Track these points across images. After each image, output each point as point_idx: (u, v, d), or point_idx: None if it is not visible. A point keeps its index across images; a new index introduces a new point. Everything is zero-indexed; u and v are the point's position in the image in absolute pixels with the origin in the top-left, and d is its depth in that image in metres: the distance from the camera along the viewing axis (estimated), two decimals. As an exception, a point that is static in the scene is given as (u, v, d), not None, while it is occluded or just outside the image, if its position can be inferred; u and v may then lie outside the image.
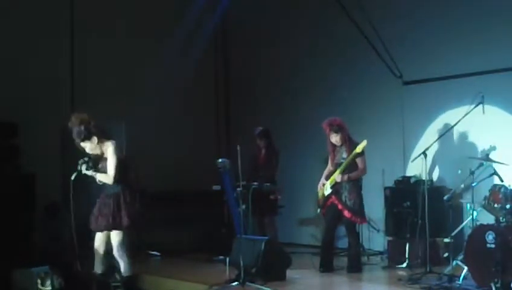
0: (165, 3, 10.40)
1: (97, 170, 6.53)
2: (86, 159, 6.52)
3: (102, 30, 9.78)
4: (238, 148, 7.18)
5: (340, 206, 7.63)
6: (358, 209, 7.66)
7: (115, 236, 6.58)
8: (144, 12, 10.22)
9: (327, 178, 7.81)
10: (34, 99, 9.17)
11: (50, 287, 7.08)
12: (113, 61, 9.81)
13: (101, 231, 6.61)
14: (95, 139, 6.53)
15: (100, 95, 9.60)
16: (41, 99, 9.22)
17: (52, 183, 9.09)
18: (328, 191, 7.73)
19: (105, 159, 6.54)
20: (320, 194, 7.89)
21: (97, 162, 6.58)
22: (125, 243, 6.61)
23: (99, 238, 6.68)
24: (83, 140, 6.50)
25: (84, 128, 6.46)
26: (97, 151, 6.59)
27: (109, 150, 6.51)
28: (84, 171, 6.50)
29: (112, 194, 6.57)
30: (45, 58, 9.29)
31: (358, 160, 7.60)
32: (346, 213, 7.61)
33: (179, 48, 9.99)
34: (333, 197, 7.68)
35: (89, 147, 6.55)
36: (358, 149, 7.51)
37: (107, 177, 6.51)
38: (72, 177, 6.51)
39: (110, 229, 6.56)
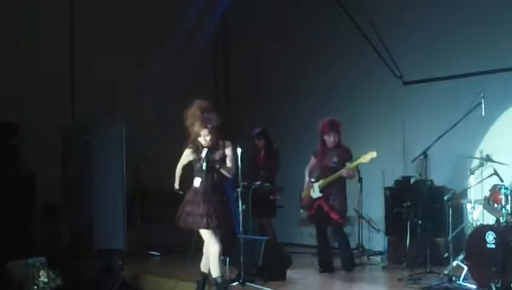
0: (165, 3, 10.40)
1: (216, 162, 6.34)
2: (207, 151, 6.29)
3: (102, 30, 9.78)
4: (238, 148, 7.18)
5: (326, 208, 7.58)
6: (344, 212, 7.67)
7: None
8: (143, 12, 10.22)
9: (312, 178, 7.75)
10: (34, 99, 9.17)
11: (46, 279, 7.05)
12: (113, 61, 9.79)
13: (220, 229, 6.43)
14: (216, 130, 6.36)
15: (100, 95, 9.60)
16: (41, 99, 9.21)
17: (52, 183, 9.09)
18: (316, 194, 7.67)
19: (220, 152, 6.39)
20: (305, 193, 7.84)
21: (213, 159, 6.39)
22: None
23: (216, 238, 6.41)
24: (209, 128, 6.29)
25: (208, 116, 6.30)
26: (214, 143, 6.36)
27: (230, 147, 6.44)
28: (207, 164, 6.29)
29: (223, 194, 6.53)
30: (45, 58, 9.29)
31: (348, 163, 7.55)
32: (333, 215, 7.58)
33: (178, 48, 9.98)
34: (321, 200, 7.64)
35: (210, 138, 6.32)
36: (365, 159, 7.37)
37: (228, 170, 6.42)
38: (204, 167, 6.30)
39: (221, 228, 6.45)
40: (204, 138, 6.32)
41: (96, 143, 9.16)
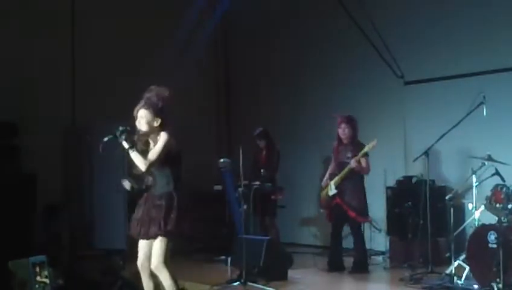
0: (165, 3, 10.39)
1: (135, 147, 5.52)
2: (126, 128, 5.58)
3: (102, 30, 9.76)
4: (240, 148, 7.18)
5: (344, 207, 7.63)
6: (364, 209, 7.68)
7: (159, 244, 5.49)
8: (143, 12, 10.21)
9: (331, 177, 7.78)
10: (34, 99, 9.15)
11: (47, 279, 7.01)
12: (113, 61, 9.78)
13: (150, 238, 5.53)
14: (158, 120, 5.59)
15: (100, 95, 9.58)
16: (41, 99, 9.20)
17: (52, 183, 9.07)
18: (332, 191, 7.70)
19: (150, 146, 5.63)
20: (323, 193, 7.86)
21: (136, 142, 5.60)
22: (166, 254, 5.53)
23: (144, 249, 5.60)
24: (151, 111, 5.59)
25: (161, 105, 5.61)
26: (146, 130, 5.60)
27: (162, 137, 5.53)
28: (120, 139, 5.54)
29: (163, 194, 5.59)
30: (45, 58, 9.27)
31: (362, 159, 7.60)
32: (351, 213, 7.62)
33: (178, 48, 9.96)
34: (338, 198, 7.67)
35: (146, 120, 5.59)
36: (367, 148, 7.51)
37: (141, 161, 5.48)
38: (105, 139, 5.58)
39: (159, 236, 5.49)
40: (139, 120, 5.62)
41: (97, 143, 9.13)
